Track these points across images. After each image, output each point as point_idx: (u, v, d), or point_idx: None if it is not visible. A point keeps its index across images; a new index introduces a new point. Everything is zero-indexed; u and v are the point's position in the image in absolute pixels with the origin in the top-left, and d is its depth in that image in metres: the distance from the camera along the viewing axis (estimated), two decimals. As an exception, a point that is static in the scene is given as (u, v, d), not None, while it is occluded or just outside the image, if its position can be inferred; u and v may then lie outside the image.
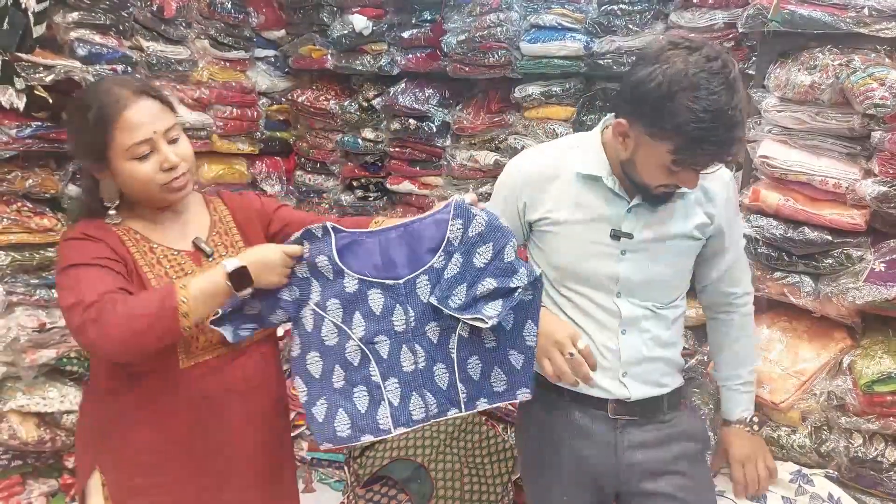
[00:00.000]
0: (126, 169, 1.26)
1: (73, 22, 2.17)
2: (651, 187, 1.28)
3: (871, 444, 1.68)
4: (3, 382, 2.16)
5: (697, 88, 1.11)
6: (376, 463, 2.52)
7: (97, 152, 1.26)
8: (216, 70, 2.75)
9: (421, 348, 1.29)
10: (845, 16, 1.66)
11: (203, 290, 1.17)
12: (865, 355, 1.70)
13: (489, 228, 1.28)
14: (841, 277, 1.71)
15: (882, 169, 1.61)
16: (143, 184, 1.28)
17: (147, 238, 1.34)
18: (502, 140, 2.55)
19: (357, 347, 1.30)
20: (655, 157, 1.21)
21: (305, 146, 3.13)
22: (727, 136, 1.14)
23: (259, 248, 1.26)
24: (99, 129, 1.24)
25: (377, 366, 1.30)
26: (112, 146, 1.25)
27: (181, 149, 1.31)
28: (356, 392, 1.31)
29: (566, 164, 1.38)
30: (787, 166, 1.76)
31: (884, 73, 1.57)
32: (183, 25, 2.60)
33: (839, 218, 1.70)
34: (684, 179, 1.24)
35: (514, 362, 1.29)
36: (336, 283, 1.30)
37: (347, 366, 1.31)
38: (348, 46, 2.81)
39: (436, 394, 1.31)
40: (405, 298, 1.29)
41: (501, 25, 2.38)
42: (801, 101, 1.74)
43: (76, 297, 1.17)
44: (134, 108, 1.25)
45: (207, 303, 1.19)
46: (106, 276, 1.22)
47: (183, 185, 1.32)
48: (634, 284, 1.38)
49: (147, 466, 1.33)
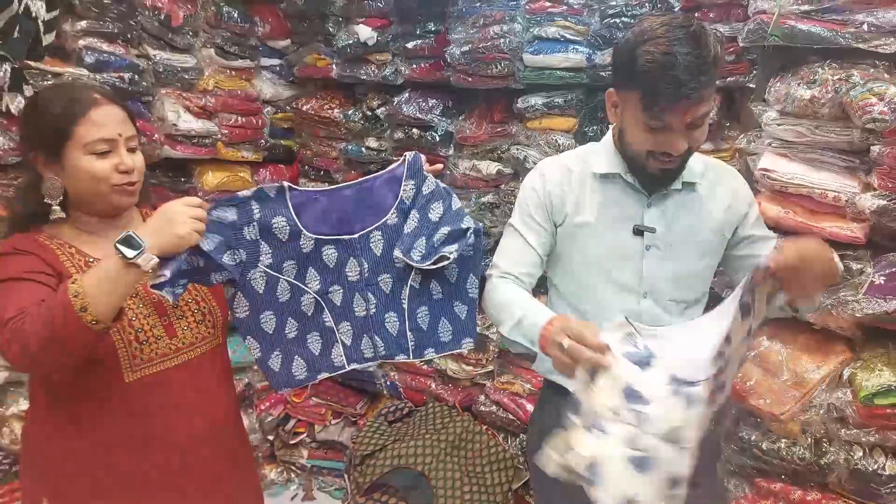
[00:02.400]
0: (83, 163, 1.23)
1: (82, 30, 2.20)
2: (641, 158, 1.30)
3: (871, 457, 1.68)
4: (5, 387, 2.17)
5: (657, 38, 1.18)
6: (376, 471, 2.52)
7: (56, 143, 1.23)
8: (222, 78, 2.78)
9: (373, 297, 1.39)
10: (845, 31, 1.68)
11: (96, 276, 1.08)
12: (865, 368, 1.70)
13: (438, 187, 1.39)
14: (841, 290, 1.72)
15: (881, 183, 1.62)
16: (96, 181, 1.24)
17: (82, 252, 1.28)
18: (504, 150, 2.56)
19: (312, 299, 1.37)
20: (633, 114, 1.26)
21: (309, 154, 3.15)
22: (686, 77, 1.16)
23: (159, 209, 1.17)
24: (63, 119, 1.22)
25: (330, 313, 1.39)
26: (73, 139, 1.22)
27: (137, 159, 1.30)
28: (310, 338, 1.40)
29: (585, 167, 1.43)
30: (787, 179, 1.78)
31: (883, 88, 1.58)
32: (190, 34, 2.62)
33: (839, 231, 1.71)
34: (665, 140, 1.25)
35: (458, 312, 1.41)
36: (292, 243, 1.34)
37: (301, 317, 1.38)
38: (353, 56, 2.84)
39: (385, 339, 1.41)
40: (359, 252, 1.37)
41: (505, 37, 2.40)
42: (800, 114, 1.76)
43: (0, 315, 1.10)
44: (102, 109, 1.25)
45: (105, 287, 1.08)
46: (30, 289, 1.15)
47: (133, 192, 1.30)
48: (660, 281, 1.39)
49: (94, 487, 1.27)
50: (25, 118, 1.31)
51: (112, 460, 1.27)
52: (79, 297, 1.05)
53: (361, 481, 2.54)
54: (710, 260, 1.45)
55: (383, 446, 2.62)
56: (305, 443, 2.98)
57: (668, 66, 1.16)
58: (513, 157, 2.49)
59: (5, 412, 2.13)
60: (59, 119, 1.23)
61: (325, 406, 2.98)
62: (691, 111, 1.20)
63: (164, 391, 1.30)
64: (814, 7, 1.71)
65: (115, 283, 1.08)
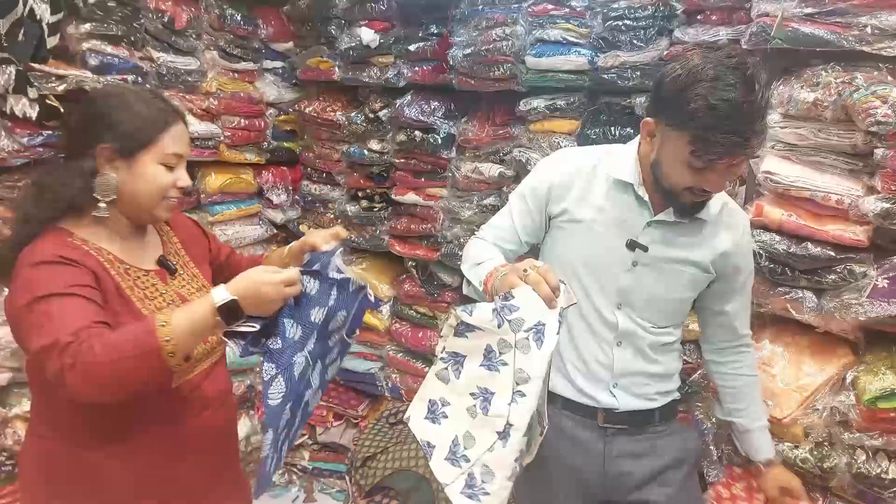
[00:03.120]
0: (152, 171, 1.26)
1: (86, 33, 2.20)
2: (678, 190, 1.29)
3: (874, 461, 1.67)
4: (9, 388, 2.17)
5: (713, 80, 1.14)
6: (378, 474, 2.52)
7: (137, 145, 1.25)
8: (225, 81, 2.78)
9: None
10: (848, 34, 1.68)
11: (189, 323, 1.09)
12: (869, 371, 1.70)
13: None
14: (844, 293, 1.71)
15: (885, 186, 1.62)
16: (156, 190, 1.27)
17: (119, 259, 1.28)
18: (507, 153, 2.56)
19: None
20: (676, 151, 1.23)
21: (312, 156, 3.15)
22: (741, 127, 1.15)
23: (249, 273, 1.16)
24: (153, 125, 1.26)
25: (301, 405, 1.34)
26: (154, 146, 1.26)
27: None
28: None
29: (600, 166, 1.42)
30: (790, 182, 1.77)
31: (886, 91, 1.58)
32: (193, 37, 2.63)
33: (842, 234, 1.71)
34: (708, 180, 1.24)
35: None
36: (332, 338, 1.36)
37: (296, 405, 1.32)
38: (355, 59, 2.84)
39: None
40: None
41: (507, 39, 2.41)
42: (803, 117, 1.75)
43: (50, 337, 1.06)
44: (181, 126, 1.32)
45: (195, 337, 1.11)
46: (83, 306, 1.12)
47: (175, 208, 1.35)
48: (636, 299, 1.39)
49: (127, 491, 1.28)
50: (115, 111, 1.26)
51: (147, 465, 1.29)
52: (170, 342, 1.06)
53: (363, 483, 2.54)
54: (690, 294, 1.46)
55: (385, 449, 2.62)
56: (307, 445, 2.98)
57: (723, 117, 1.13)
58: (515, 159, 2.49)
59: (8, 413, 2.13)
60: (148, 123, 1.26)
61: (326, 408, 2.98)
62: (740, 159, 1.20)
63: (197, 392, 1.35)
64: (817, 10, 1.71)
65: (203, 334, 1.13)
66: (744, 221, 1.47)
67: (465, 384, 1.14)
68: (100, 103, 1.29)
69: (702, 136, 1.16)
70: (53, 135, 2.07)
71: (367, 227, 2.97)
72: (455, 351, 1.16)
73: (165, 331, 1.06)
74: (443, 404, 1.17)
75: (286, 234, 3.24)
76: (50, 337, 1.06)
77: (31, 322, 1.10)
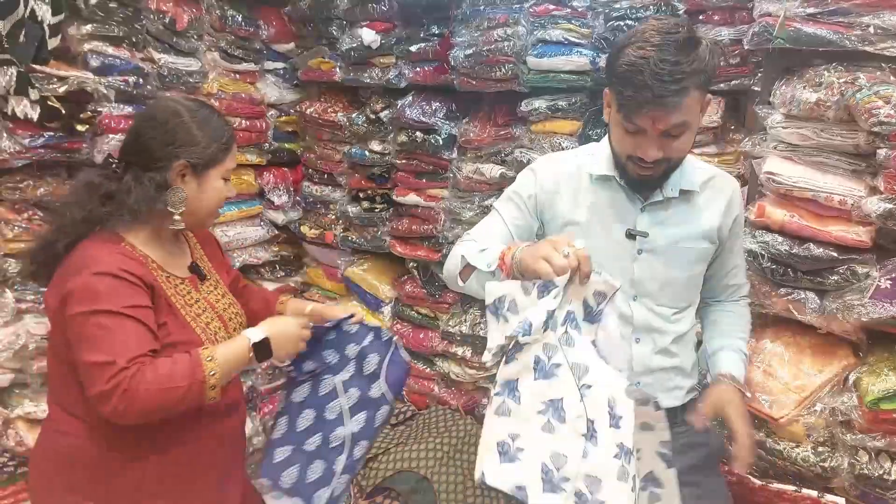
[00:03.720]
0: (216, 185, 1.40)
1: (87, 34, 2.20)
2: (622, 161, 1.31)
3: (876, 462, 1.67)
4: (11, 389, 2.18)
5: (643, 42, 1.18)
6: (379, 474, 2.52)
7: (211, 161, 1.37)
8: (226, 82, 2.78)
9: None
10: (850, 34, 1.67)
11: (229, 362, 1.26)
12: (871, 372, 1.70)
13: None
14: (846, 294, 1.71)
15: (887, 186, 1.62)
16: (216, 202, 1.41)
17: (163, 268, 1.37)
18: (508, 153, 2.56)
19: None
20: (614, 115, 1.27)
21: (313, 157, 3.15)
22: (655, 84, 1.15)
23: (279, 321, 1.41)
24: (225, 146, 1.40)
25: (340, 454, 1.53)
26: (222, 164, 1.40)
27: None
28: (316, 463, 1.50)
29: (581, 167, 1.42)
30: (792, 182, 1.77)
31: (889, 91, 1.57)
32: (194, 38, 2.63)
33: (845, 234, 1.70)
34: (639, 143, 1.25)
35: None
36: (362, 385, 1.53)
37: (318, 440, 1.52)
38: (357, 59, 2.84)
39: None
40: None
41: (508, 40, 2.40)
42: (806, 117, 1.75)
43: (108, 355, 1.15)
44: (236, 146, 1.45)
45: (231, 371, 1.28)
46: (140, 333, 1.21)
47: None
48: (650, 287, 1.38)
49: (146, 488, 1.32)
50: (185, 128, 1.34)
51: (169, 464, 1.34)
52: (214, 376, 1.20)
53: (364, 484, 2.53)
54: (701, 267, 1.45)
55: (386, 449, 2.62)
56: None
57: (639, 70, 1.16)
58: (516, 160, 2.49)
59: (10, 414, 2.13)
60: (220, 143, 1.38)
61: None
62: (662, 119, 1.20)
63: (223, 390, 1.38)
64: (819, 9, 1.71)
65: (237, 369, 1.30)
66: (732, 185, 1.47)
67: (530, 405, 1.04)
68: (180, 120, 1.35)
69: (622, 91, 1.20)
70: (55, 136, 2.07)
71: (369, 227, 2.97)
72: (507, 379, 1.07)
73: (211, 365, 1.21)
74: (513, 439, 1.05)
75: (287, 235, 3.24)
76: (106, 355, 1.14)
77: (87, 333, 1.18)
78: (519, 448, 1.05)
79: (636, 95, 1.18)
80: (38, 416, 2.14)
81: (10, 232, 2.10)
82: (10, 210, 2.11)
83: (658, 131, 1.22)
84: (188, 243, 1.52)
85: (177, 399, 1.17)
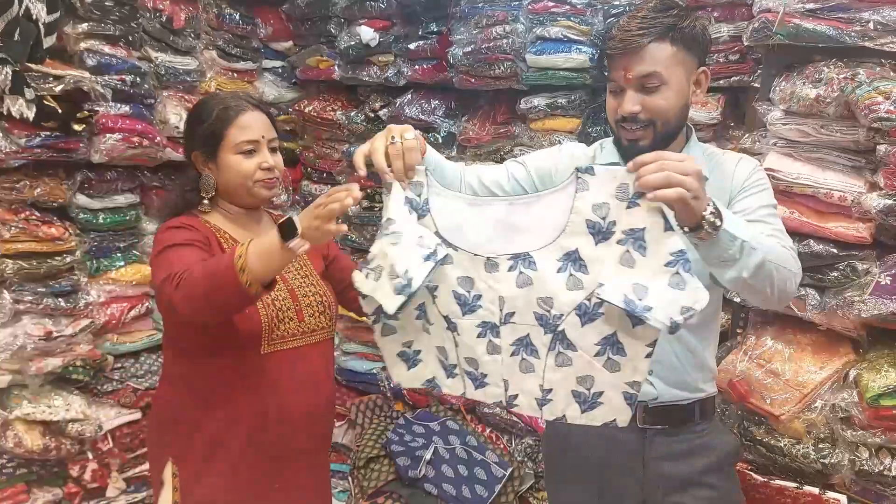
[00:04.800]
0: (233, 161, 1.45)
1: (83, 33, 2.20)
2: (615, 128, 1.32)
3: (877, 458, 1.67)
4: (9, 390, 2.17)
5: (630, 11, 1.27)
6: (382, 477, 2.51)
7: (213, 144, 1.45)
8: (224, 80, 2.77)
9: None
10: (850, 29, 1.67)
11: (258, 247, 1.24)
12: (871, 368, 1.69)
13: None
14: (847, 290, 1.71)
15: (887, 182, 1.61)
16: (243, 177, 1.45)
17: (234, 238, 1.47)
18: (507, 151, 2.55)
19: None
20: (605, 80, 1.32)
21: (312, 156, 3.14)
22: (620, 34, 1.23)
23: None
24: (218, 124, 1.45)
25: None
26: (225, 141, 1.44)
27: (278, 158, 1.52)
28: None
29: (593, 158, 1.43)
30: (792, 179, 1.77)
31: (889, 87, 1.57)
32: (191, 36, 2.62)
33: (845, 231, 1.70)
34: (619, 102, 1.28)
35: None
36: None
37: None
38: (355, 58, 2.83)
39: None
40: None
41: (507, 37, 2.40)
42: (806, 114, 1.75)
43: (167, 272, 1.28)
44: (248, 115, 1.47)
45: (263, 258, 1.22)
46: (193, 252, 1.35)
47: (273, 185, 1.50)
48: None
49: (213, 450, 1.42)
50: (189, 124, 1.53)
51: (236, 420, 1.42)
52: (241, 259, 1.22)
53: (366, 485, 2.53)
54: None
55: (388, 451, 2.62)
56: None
57: (612, 25, 1.25)
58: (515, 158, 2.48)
59: (9, 416, 2.12)
60: (214, 124, 1.45)
61: (328, 408, 2.98)
62: (629, 67, 1.23)
63: (290, 368, 1.46)
64: (819, 5, 1.70)
65: (270, 256, 1.23)
66: (733, 155, 1.42)
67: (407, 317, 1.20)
68: (188, 121, 1.55)
69: (603, 49, 1.28)
70: (51, 136, 2.07)
71: (368, 226, 2.96)
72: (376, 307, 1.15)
73: (239, 250, 1.24)
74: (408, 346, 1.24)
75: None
76: (166, 272, 1.29)
77: (158, 264, 1.36)
78: (416, 351, 1.24)
79: (608, 45, 1.25)
80: (37, 417, 2.14)
81: (7, 232, 2.09)
82: (7, 210, 2.11)
83: (629, 81, 1.25)
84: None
85: (215, 284, 1.22)
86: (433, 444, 2.51)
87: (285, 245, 1.20)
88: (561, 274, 1.10)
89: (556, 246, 1.10)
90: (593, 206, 1.07)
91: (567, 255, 1.09)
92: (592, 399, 1.15)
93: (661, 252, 1.03)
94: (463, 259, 1.15)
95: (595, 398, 1.15)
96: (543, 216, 1.11)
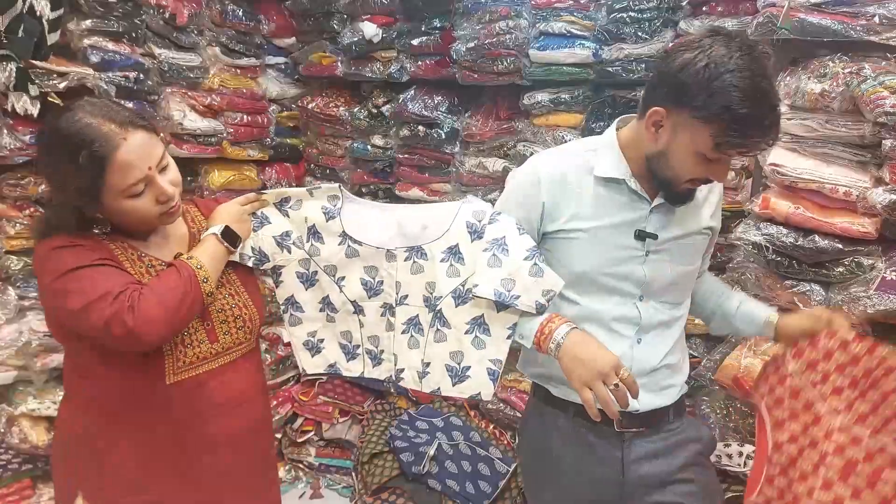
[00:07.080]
0: (123, 207, 1.20)
1: (87, 29, 2.20)
2: (679, 182, 1.26)
3: (882, 455, 1.66)
4: (15, 386, 2.18)
5: (742, 70, 1.13)
6: (386, 473, 2.52)
7: (91, 196, 1.17)
8: (227, 77, 2.77)
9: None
10: (855, 24, 1.66)
11: (207, 255, 1.27)
12: (877, 365, 1.69)
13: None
14: (852, 286, 1.70)
15: (893, 177, 1.60)
16: (140, 218, 1.24)
17: (134, 247, 1.29)
18: (511, 147, 2.55)
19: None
20: (696, 144, 1.19)
21: (315, 152, 3.14)
22: (772, 117, 1.16)
23: (221, 210, 1.38)
24: (92, 172, 1.14)
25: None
26: (106, 188, 1.17)
27: (172, 175, 1.25)
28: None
29: (586, 167, 1.36)
30: (797, 174, 1.76)
31: (894, 82, 1.56)
32: (195, 33, 2.62)
33: (850, 226, 1.69)
34: (716, 170, 1.24)
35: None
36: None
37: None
38: (358, 54, 2.83)
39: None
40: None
41: (510, 33, 2.39)
42: (811, 108, 1.74)
43: (97, 292, 1.12)
44: (125, 147, 1.16)
45: (216, 265, 1.29)
46: (114, 272, 1.19)
47: (176, 211, 1.27)
48: (657, 287, 1.37)
49: (130, 484, 1.29)
50: (50, 169, 1.22)
51: (149, 459, 1.29)
52: (202, 270, 1.23)
53: (370, 481, 2.53)
54: (698, 258, 1.45)
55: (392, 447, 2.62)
56: (313, 441, 2.98)
57: (757, 107, 1.13)
58: (519, 153, 2.48)
59: (14, 412, 2.13)
60: (87, 174, 1.14)
61: (332, 405, 2.98)
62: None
63: (203, 394, 1.32)
64: (824, -1, 1.69)
65: (220, 263, 1.30)
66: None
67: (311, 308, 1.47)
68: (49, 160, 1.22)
69: (733, 127, 1.14)
70: (55, 132, 2.06)
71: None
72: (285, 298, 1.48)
73: (194, 261, 1.24)
74: (313, 335, 1.48)
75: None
76: (97, 292, 1.13)
77: (69, 289, 1.15)
78: (320, 340, 1.48)
79: (754, 128, 1.15)
80: (42, 413, 2.15)
81: (11, 229, 2.10)
82: (11, 207, 2.11)
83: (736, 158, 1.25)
84: (193, 228, 1.41)
85: (180, 298, 1.18)
86: (437, 440, 2.51)
87: (234, 251, 1.32)
88: (443, 263, 1.35)
89: (442, 241, 1.36)
90: (473, 213, 1.35)
91: (449, 248, 1.35)
92: (462, 373, 1.38)
93: (520, 249, 1.29)
94: (368, 252, 1.41)
95: (464, 372, 1.37)
96: (436, 217, 1.38)
